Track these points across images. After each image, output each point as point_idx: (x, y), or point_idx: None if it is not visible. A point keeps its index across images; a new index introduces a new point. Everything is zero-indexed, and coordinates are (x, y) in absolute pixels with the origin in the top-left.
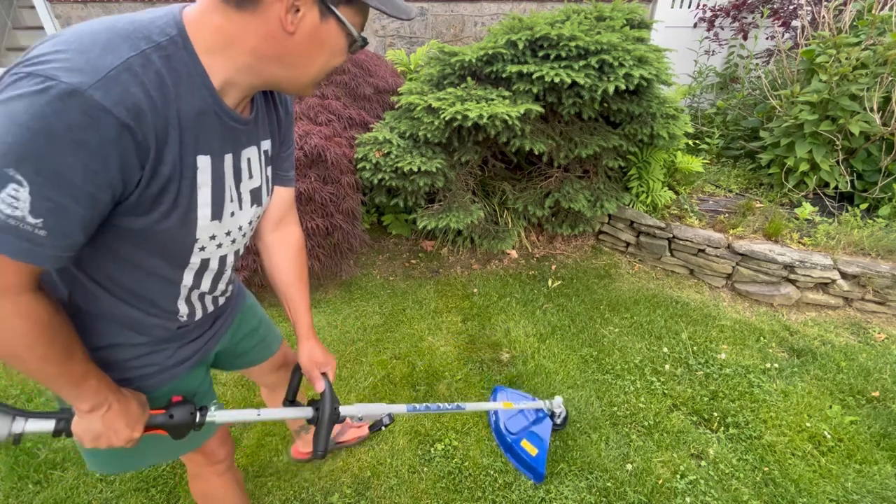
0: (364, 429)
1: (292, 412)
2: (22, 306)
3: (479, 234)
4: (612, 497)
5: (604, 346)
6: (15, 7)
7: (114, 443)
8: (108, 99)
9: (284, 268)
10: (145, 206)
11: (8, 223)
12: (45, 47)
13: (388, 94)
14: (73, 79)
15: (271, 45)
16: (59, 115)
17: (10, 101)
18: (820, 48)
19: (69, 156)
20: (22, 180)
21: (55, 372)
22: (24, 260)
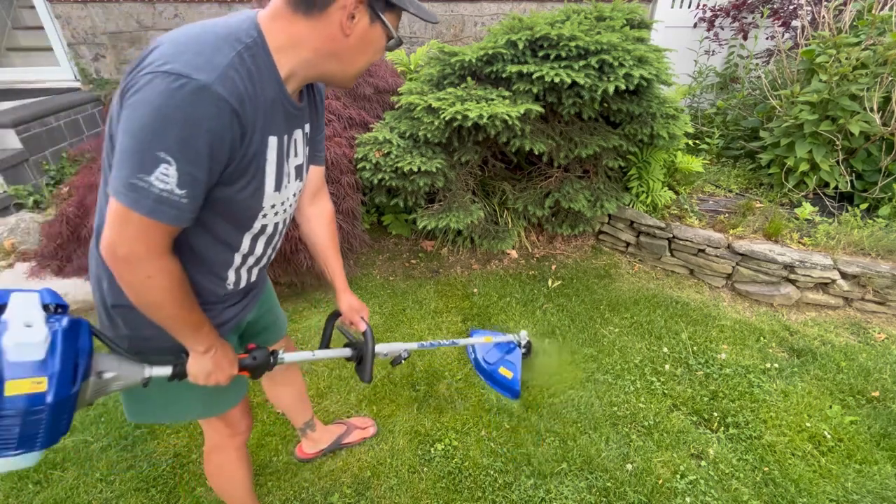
0: (369, 429)
1: (335, 352)
2: (167, 264)
3: (479, 234)
4: (612, 497)
5: (604, 346)
6: (15, 7)
7: (220, 379)
8: (226, 91)
9: (322, 235)
10: (233, 178)
11: (162, 196)
12: (166, 51)
13: (388, 94)
14: (201, 76)
15: (330, 45)
16: (196, 105)
17: (153, 96)
18: (820, 48)
19: (201, 138)
20: (170, 160)
21: (184, 319)
22: (174, 224)
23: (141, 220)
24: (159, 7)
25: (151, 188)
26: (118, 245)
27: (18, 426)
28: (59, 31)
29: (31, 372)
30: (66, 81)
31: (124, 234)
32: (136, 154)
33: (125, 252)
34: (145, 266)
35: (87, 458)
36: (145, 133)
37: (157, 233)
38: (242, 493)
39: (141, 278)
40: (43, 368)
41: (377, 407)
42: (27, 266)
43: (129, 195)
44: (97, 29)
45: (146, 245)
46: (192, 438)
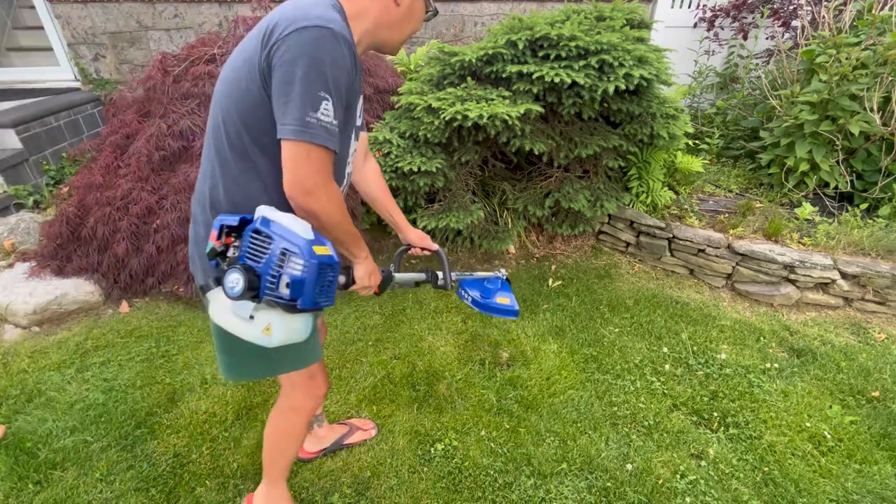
0: (370, 431)
1: (411, 275)
2: (334, 188)
3: (479, 235)
4: (612, 497)
5: (604, 346)
6: (15, 7)
7: (376, 280)
8: (349, 36)
9: (379, 187)
10: (343, 123)
11: (328, 128)
12: (294, 14)
13: (388, 94)
14: (332, 25)
15: (386, 15)
16: (336, 48)
17: (308, 46)
18: (820, 48)
19: (342, 75)
20: (328, 96)
21: (353, 231)
22: (336, 149)
23: (319, 151)
24: (159, 7)
25: (321, 122)
26: (305, 179)
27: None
28: (59, 31)
29: (320, 242)
30: (66, 81)
31: (309, 168)
32: (304, 96)
33: (312, 184)
34: (326, 191)
35: (87, 458)
36: (308, 77)
37: (329, 161)
38: (289, 461)
39: (324, 203)
40: (322, 241)
41: (377, 407)
42: (27, 266)
43: (307, 131)
44: (97, 29)
45: (324, 173)
46: (192, 439)
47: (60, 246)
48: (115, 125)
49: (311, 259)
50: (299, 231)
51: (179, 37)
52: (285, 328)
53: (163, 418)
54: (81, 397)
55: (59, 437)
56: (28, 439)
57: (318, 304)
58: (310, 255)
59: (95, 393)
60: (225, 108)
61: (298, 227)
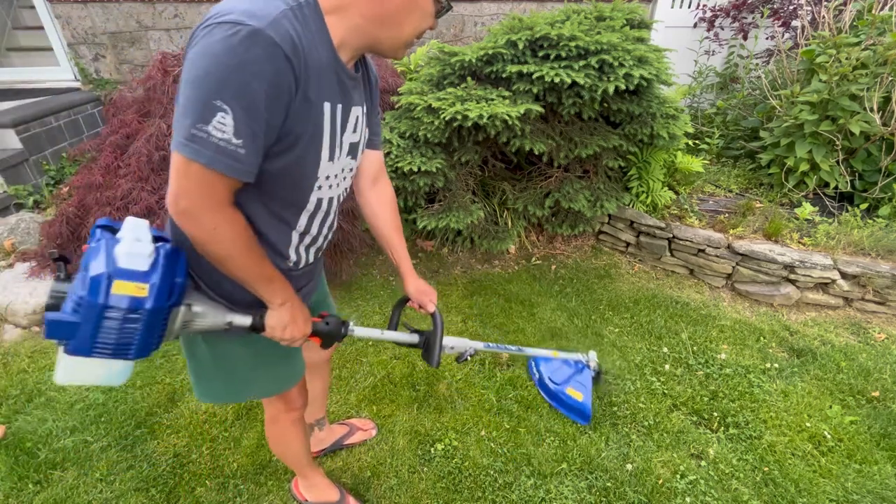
0: (370, 431)
1: (404, 336)
2: (230, 216)
3: (479, 235)
4: (612, 497)
5: (603, 346)
6: (15, 7)
7: (295, 334)
8: (278, 36)
9: (385, 219)
10: (291, 139)
11: (220, 145)
12: (223, 6)
13: (388, 94)
14: (253, 22)
15: (377, 8)
16: (248, 49)
17: (211, 45)
18: (820, 48)
19: (255, 84)
20: (227, 108)
21: (256, 270)
22: (232, 175)
23: (200, 170)
24: (159, 7)
25: (210, 137)
26: (180, 197)
27: (117, 329)
28: (59, 31)
29: (136, 279)
30: (66, 81)
31: (186, 187)
32: (195, 104)
33: (186, 205)
34: (209, 218)
35: (87, 458)
36: (202, 82)
37: (217, 184)
38: (299, 456)
39: (207, 230)
40: (146, 278)
41: (377, 407)
42: (27, 266)
43: (190, 146)
44: (97, 29)
45: (208, 197)
46: (192, 439)
47: (60, 246)
48: (115, 125)
49: (91, 297)
50: (118, 257)
51: (179, 37)
52: (70, 371)
53: (163, 418)
54: (81, 397)
55: (59, 437)
56: (28, 439)
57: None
58: (91, 292)
59: (95, 393)
60: None
61: (124, 251)
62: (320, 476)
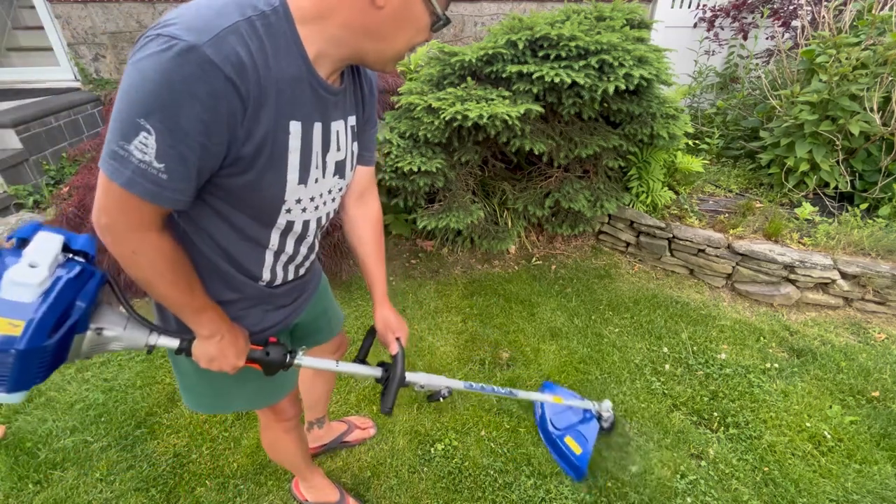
0: (369, 430)
1: (364, 370)
2: (153, 241)
3: (479, 235)
4: (613, 497)
5: (603, 346)
6: (15, 7)
7: (223, 367)
8: (217, 55)
9: (365, 240)
10: (244, 163)
11: (139, 167)
12: (171, 14)
13: (388, 94)
14: (190, 37)
15: (361, 18)
16: (179, 68)
17: (141, 60)
18: (820, 48)
19: (186, 106)
20: (150, 129)
21: (180, 300)
22: (150, 200)
23: (119, 191)
24: (159, 7)
25: (131, 157)
26: (100, 214)
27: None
28: (59, 31)
29: (11, 313)
30: (66, 81)
31: (106, 204)
32: (119, 120)
33: (105, 222)
34: (128, 240)
35: (87, 458)
36: (128, 97)
37: (138, 207)
38: (295, 460)
39: (126, 252)
40: (24, 312)
41: (377, 407)
42: None
43: (111, 163)
44: (97, 29)
45: (126, 218)
46: (192, 439)
47: None
48: None
49: None
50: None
51: None
52: None
53: (163, 418)
54: (81, 397)
55: (59, 437)
56: (28, 439)
57: None
58: None
59: (95, 393)
60: None
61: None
62: (320, 476)
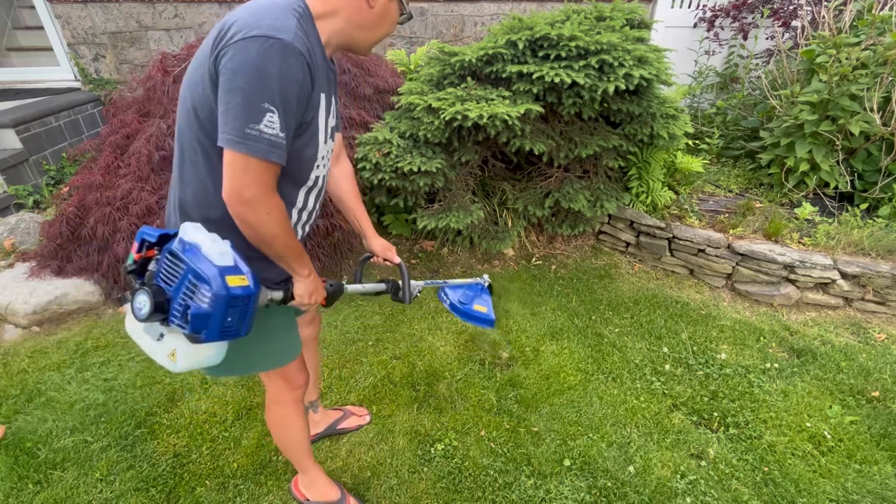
0: (365, 417)
1: (370, 286)
2: (278, 200)
3: (479, 235)
4: (612, 497)
5: (604, 346)
6: (15, 7)
7: (319, 298)
8: (301, 46)
9: (348, 190)
10: (302, 129)
11: (271, 139)
12: (248, 21)
13: (388, 94)
14: (283, 35)
15: (358, 15)
16: (284, 59)
17: (251, 58)
18: (820, 48)
19: (292, 87)
20: (273, 109)
21: (294, 247)
22: (282, 162)
23: (259, 163)
24: (159, 7)
25: (263, 135)
26: (243, 189)
27: (237, 314)
28: (59, 31)
29: (236, 271)
30: (66, 81)
31: (247, 179)
32: (245, 107)
33: (250, 194)
34: (265, 203)
35: (87, 458)
36: (251, 88)
37: (271, 173)
38: (300, 442)
39: (262, 215)
40: (240, 270)
41: (377, 407)
42: (27, 266)
43: (247, 143)
44: (97, 29)
45: (264, 185)
46: (192, 439)
47: (60, 246)
48: (115, 125)
49: (220, 291)
50: (214, 258)
51: (179, 37)
52: (190, 357)
53: (163, 418)
54: (81, 397)
55: (59, 437)
56: (28, 439)
57: (227, 335)
58: (219, 288)
59: (95, 393)
60: (186, 110)
61: (215, 252)
62: (320, 472)
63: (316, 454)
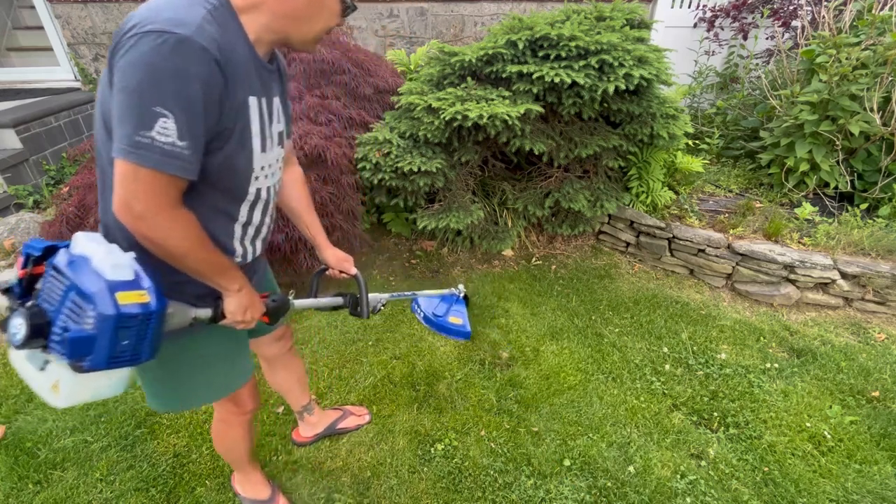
0: (364, 416)
1: (329, 300)
2: (182, 214)
3: (479, 235)
4: (612, 497)
5: (604, 346)
6: (15, 7)
7: (254, 315)
8: (205, 42)
9: (298, 197)
10: (224, 136)
11: (165, 149)
12: (145, 15)
13: (388, 94)
14: (181, 30)
15: (284, 6)
16: (180, 56)
17: (142, 55)
18: (820, 48)
19: (191, 88)
20: (167, 113)
21: (212, 262)
22: (182, 175)
23: (149, 174)
24: None
25: (154, 143)
26: (132, 202)
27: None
28: (59, 31)
29: (134, 287)
30: (66, 81)
31: (136, 191)
32: (134, 112)
33: (142, 208)
34: (161, 218)
35: (87, 458)
36: (140, 90)
37: (166, 185)
38: (241, 455)
39: (161, 231)
40: (139, 285)
41: (377, 407)
42: None
43: (136, 152)
44: (97, 29)
45: (158, 198)
46: (192, 439)
47: None
48: None
49: (107, 311)
50: (105, 271)
51: None
52: (77, 388)
53: (163, 418)
54: None
55: (59, 437)
56: (28, 439)
57: (121, 362)
58: (105, 306)
59: None
60: (99, 123)
61: (107, 264)
62: (257, 473)
63: (316, 454)
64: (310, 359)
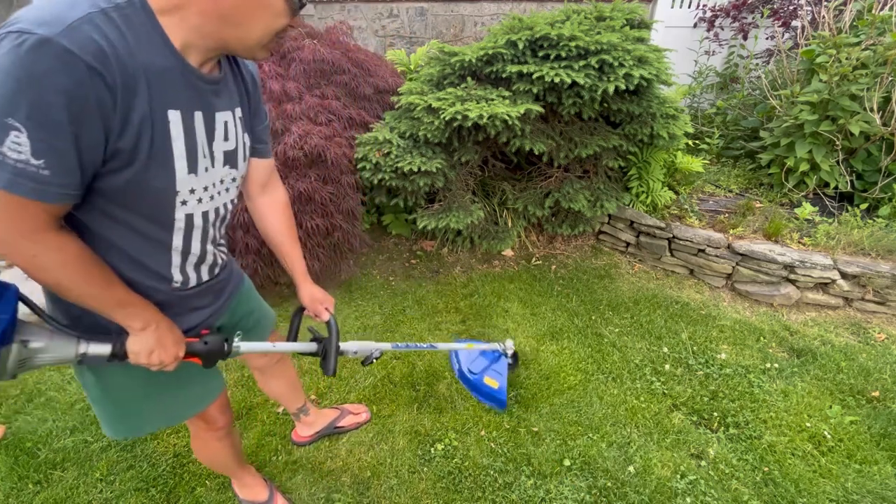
0: (362, 415)
1: (299, 346)
2: (52, 241)
3: (479, 235)
4: (612, 497)
5: (604, 346)
6: (15, 7)
7: (165, 359)
8: (74, 45)
9: (276, 226)
10: (125, 156)
11: (17, 167)
12: (21, 11)
13: (388, 94)
14: (42, 30)
15: (213, 5)
16: (36, 62)
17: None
18: (820, 48)
19: (51, 99)
20: (20, 126)
21: (101, 294)
22: (36, 198)
23: (2, 195)
24: None
25: (6, 160)
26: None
27: None
28: None
29: None
30: None
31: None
32: None
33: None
34: (23, 245)
35: (87, 458)
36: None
37: (24, 209)
38: (226, 464)
39: (26, 258)
40: None
41: (377, 407)
42: None
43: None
44: None
45: (14, 223)
46: None
47: None
48: None
49: None
50: None
51: None
52: None
53: None
54: (81, 397)
55: (59, 437)
56: (28, 439)
57: None
58: None
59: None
60: None
61: None
62: (251, 476)
63: (315, 454)
64: (309, 359)
